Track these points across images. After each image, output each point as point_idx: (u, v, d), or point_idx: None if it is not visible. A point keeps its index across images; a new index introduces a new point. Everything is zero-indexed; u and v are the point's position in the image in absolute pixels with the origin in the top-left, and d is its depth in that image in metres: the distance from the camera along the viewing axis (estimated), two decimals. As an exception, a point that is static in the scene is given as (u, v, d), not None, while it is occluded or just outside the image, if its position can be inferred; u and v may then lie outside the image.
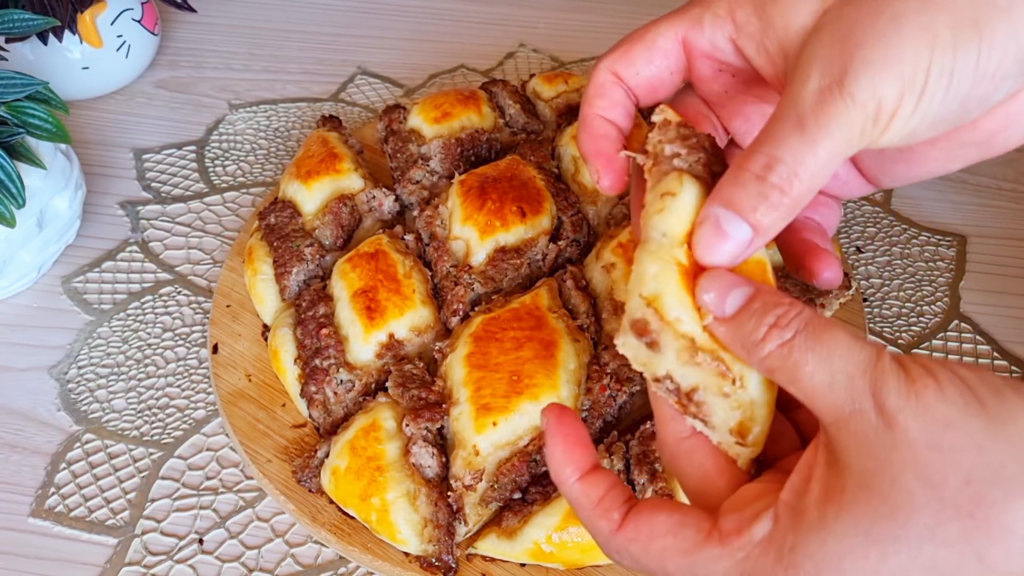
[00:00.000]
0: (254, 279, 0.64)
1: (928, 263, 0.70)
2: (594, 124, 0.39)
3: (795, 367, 0.30)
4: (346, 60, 0.89)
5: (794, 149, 0.31)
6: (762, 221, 0.32)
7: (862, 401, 0.29)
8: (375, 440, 0.53)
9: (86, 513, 0.56)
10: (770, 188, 0.32)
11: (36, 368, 0.64)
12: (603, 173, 0.38)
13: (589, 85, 0.40)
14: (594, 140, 0.39)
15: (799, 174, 0.32)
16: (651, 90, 0.40)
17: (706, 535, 0.31)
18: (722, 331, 0.32)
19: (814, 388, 0.29)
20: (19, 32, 0.66)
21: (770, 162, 0.32)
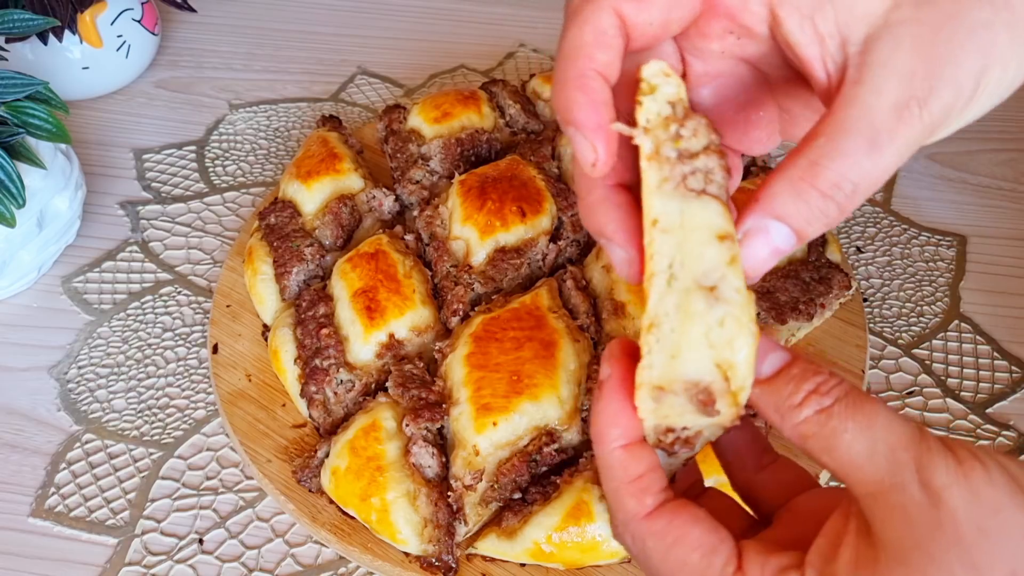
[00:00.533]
0: (254, 279, 0.64)
1: (928, 263, 0.70)
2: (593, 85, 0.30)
3: (832, 434, 0.29)
4: (346, 60, 0.89)
5: (865, 170, 0.30)
6: (812, 234, 0.31)
7: (904, 474, 0.28)
8: (375, 440, 0.53)
9: (86, 513, 0.56)
10: (833, 207, 0.30)
11: (36, 368, 0.64)
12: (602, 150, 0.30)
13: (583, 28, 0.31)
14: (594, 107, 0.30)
15: (861, 192, 0.30)
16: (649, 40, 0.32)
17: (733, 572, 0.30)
18: (755, 392, 0.31)
19: (851, 458, 0.29)
20: (19, 32, 0.66)
21: (839, 182, 0.30)
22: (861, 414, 0.29)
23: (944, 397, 0.62)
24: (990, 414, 0.61)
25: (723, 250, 0.30)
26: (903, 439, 0.28)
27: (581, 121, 0.31)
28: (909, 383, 0.63)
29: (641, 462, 0.32)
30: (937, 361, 0.64)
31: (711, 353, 0.30)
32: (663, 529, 0.31)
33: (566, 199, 0.65)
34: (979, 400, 0.62)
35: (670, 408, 0.31)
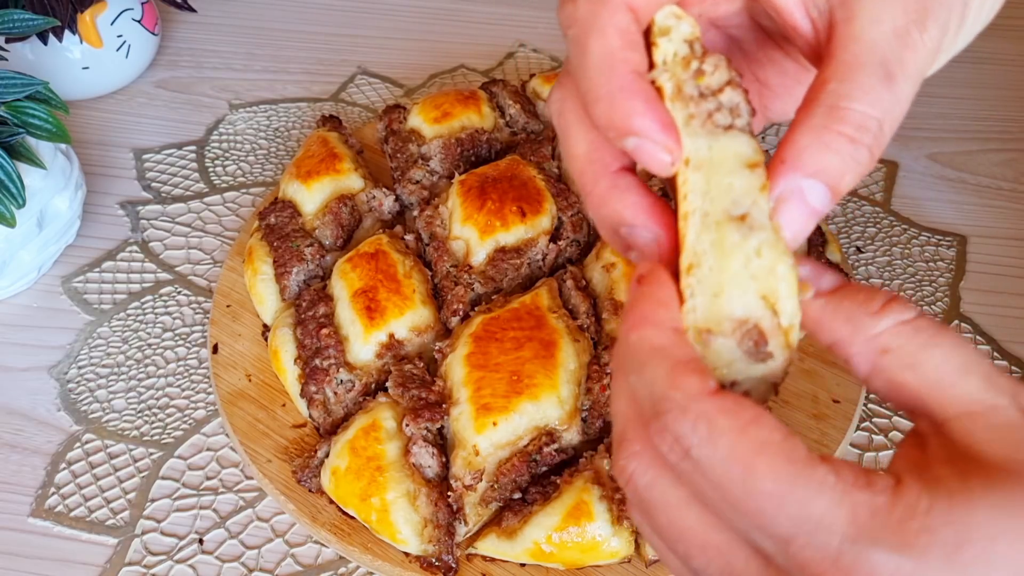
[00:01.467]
0: (254, 279, 0.64)
1: (928, 263, 0.70)
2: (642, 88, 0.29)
3: (922, 349, 0.26)
4: (346, 60, 0.89)
5: (887, 104, 0.28)
6: (846, 187, 0.29)
7: (1001, 398, 0.26)
8: (375, 440, 0.53)
9: (86, 513, 0.56)
10: (864, 151, 0.28)
11: (36, 368, 0.64)
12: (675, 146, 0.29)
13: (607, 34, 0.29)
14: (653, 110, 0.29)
15: (887, 130, 0.28)
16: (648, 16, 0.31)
17: (819, 461, 0.26)
18: (820, 305, 0.28)
19: (942, 375, 0.26)
20: (19, 32, 0.66)
21: (864, 121, 0.28)
22: (947, 334, 0.27)
23: (944, 397, 0.62)
24: (990, 414, 0.61)
25: (753, 178, 0.29)
26: (996, 369, 0.27)
27: (646, 129, 0.29)
28: (909, 383, 0.63)
29: (694, 351, 0.28)
30: (937, 361, 0.64)
31: (754, 285, 0.28)
32: (735, 407, 0.26)
33: (566, 199, 0.65)
34: (979, 400, 0.62)
35: (718, 357, 0.28)
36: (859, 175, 0.29)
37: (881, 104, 0.28)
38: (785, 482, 0.25)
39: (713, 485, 0.26)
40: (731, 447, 0.26)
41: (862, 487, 0.25)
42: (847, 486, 0.25)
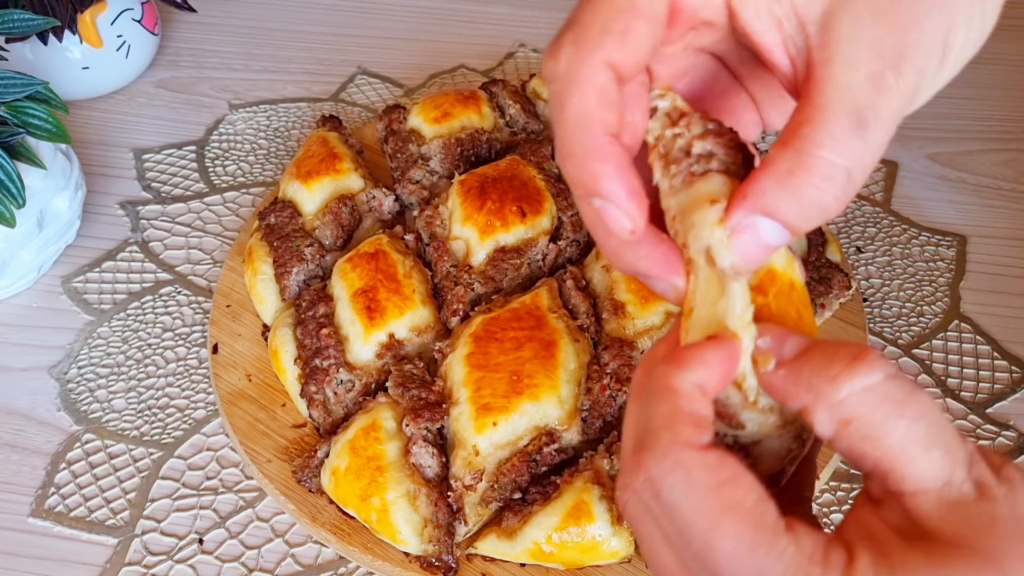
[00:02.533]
0: (254, 279, 0.64)
1: (928, 263, 0.70)
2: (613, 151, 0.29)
3: (884, 421, 0.26)
4: (346, 60, 0.89)
5: (857, 153, 0.28)
6: (807, 227, 0.29)
7: (958, 471, 0.26)
8: (375, 440, 0.53)
9: (86, 513, 0.56)
10: (830, 198, 0.28)
11: (36, 368, 0.64)
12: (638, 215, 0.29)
13: (584, 91, 0.29)
14: (621, 175, 0.29)
15: (856, 179, 0.28)
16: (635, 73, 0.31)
17: (784, 529, 0.26)
18: (781, 376, 0.28)
19: (904, 450, 0.26)
20: (19, 32, 0.66)
21: (831, 171, 0.28)
22: (914, 402, 0.26)
23: (944, 397, 0.62)
24: (990, 414, 0.61)
25: (712, 211, 0.29)
26: (956, 435, 0.27)
27: (612, 193, 0.29)
28: (909, 383, 0.63)
29: (710, 412, 0.29)
30: (937, 361, 0.64)
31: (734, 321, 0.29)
32: (717, 464, 0.27)
33: (566, 199, 0.65)
34: (979, 400, 0.62)
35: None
36: (823, 219, 0.29)
37: (851, 153, 0.28)
38: (746, 547, 0.26)
39: (678, 532, 0.27)
40: (702, 501, 0.27)
41: (817, 562, 0.26)
42: (803, 560, 0.26)
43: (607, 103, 0.30)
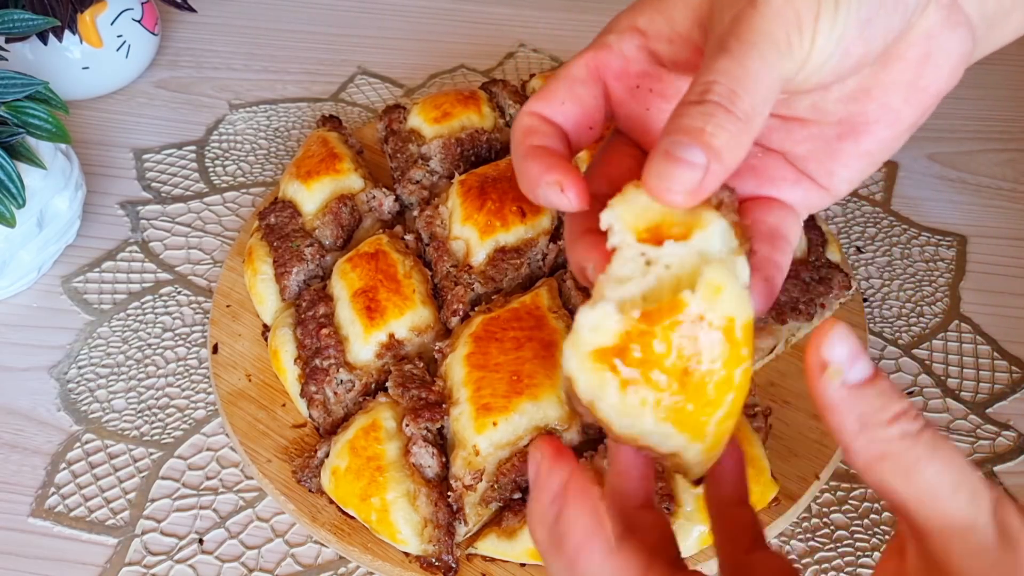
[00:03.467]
0: (254, 279, 0.64)
1: (928, 263, 0.70)
2: (534, 152, 0.34)
3: (917, 461, 0.28)
4: (346, 60, 0.89)
5: (724, 69, 0.30)
6: (713, 142, 0.29)
7: (983, 516, 0.28)
8: (375, 440, 0.53)
9: (86, 513, 0.56)
10: (713, 107, 0.29)
11: (36, 368, 0.64)
12: (567, 184, 0.33)
13: (514, 134, 0.36)
14: (540, 159, 0.34)
15: (737, 90, 0.29)
16: (582, 124, 0.36)
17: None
18: (843, 395, 0.29)
19: (932, 489, 0.28)
20: (19, 32, 0.66)
21: (705, 87, 0.30)
22: (945, 449, 0.28)
23: (944, 397, 0.62)
24: (990, 414, 0.61)
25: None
26: (982, 482, 0.28)
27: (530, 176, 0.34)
28: (909, 383, 0.63)
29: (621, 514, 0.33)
30: (937, 361, 0.64)
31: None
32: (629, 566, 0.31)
33: (566, 199, 0.65)
34: (979, 400, 0.62)
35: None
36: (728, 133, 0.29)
37: (718, 69, 0.30)
38: None
39: None
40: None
41: None
42: None
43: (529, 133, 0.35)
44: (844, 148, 0.37)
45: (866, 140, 0.36)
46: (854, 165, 0.37)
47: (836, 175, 0.37)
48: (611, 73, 0.36)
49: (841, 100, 0.36)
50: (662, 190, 0.30)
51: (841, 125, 0.37)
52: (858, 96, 0.36)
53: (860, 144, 0.37)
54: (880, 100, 0.36)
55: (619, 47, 0.36)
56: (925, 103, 0.36)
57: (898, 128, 0.36)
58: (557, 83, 0.36)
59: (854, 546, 0.54)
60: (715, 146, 0.29)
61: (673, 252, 0.30)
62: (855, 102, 0.36)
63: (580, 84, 0.36)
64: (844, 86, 0.35)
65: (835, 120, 0.36)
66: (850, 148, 0.37)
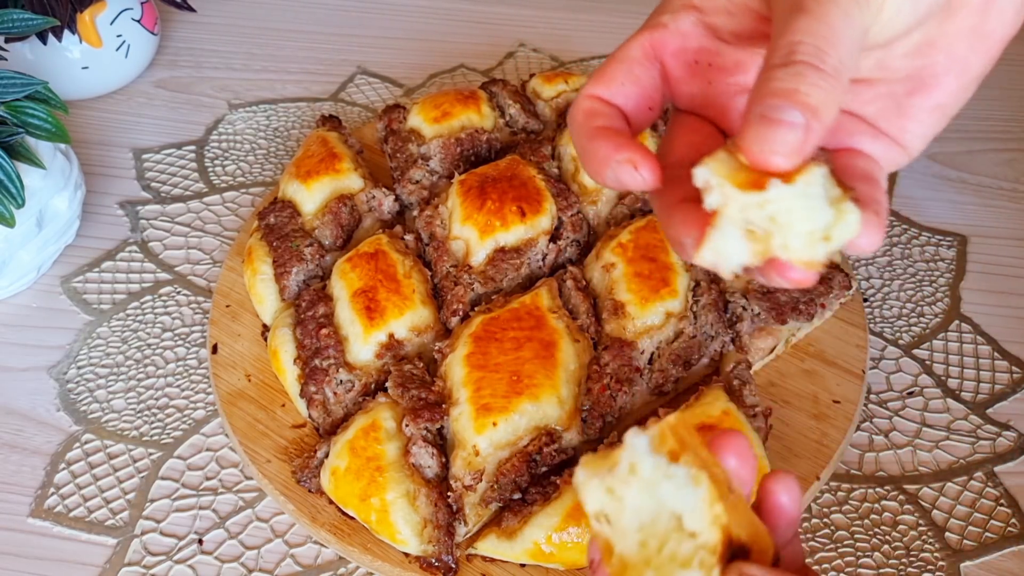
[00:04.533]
0: (254, 279, 0.64)
1: (928, 263, 0.70)
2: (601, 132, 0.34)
3: None
4: (346, 60, 0.89)
5: (807, 28, 0.30)
6: (809, 100, 0.29)
7: None
8: (375, 440, 0.53)
9: (85, 513, 0.56)
10: (803, 67, 0.29)
11: (35, 368, 0.64)
12: (640, 162, 0.33)
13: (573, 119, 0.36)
14: (609, 139, 0.34)
15: (823, 47, 0.29)
16: (642, 105, 0.36)
17: None
18: None
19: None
20: (19, 32, 0.66)
21: (789, 48, 0.29)
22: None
23: (944, 397, 0.62)
24: (990, 414, 0.61)
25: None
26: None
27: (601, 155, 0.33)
28: (909, 383, 0.63)
29: None
30: (937, 361, 0.64)
31: None
32: None
33: (566, 199, 0.65)
34: (979, 400, 0.62)
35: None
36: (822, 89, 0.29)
37: (800, 29, 0.30)
38: None
39: None
40: None
41: None
42: None
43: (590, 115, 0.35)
44: (915, 104, 0.37)
45: (936, 93, 0.36)
46: (926, 120, 0.37)
47: (909, 131, 0.37)
48: (668, 52, 0.36)
49: (907, 55, 0.36)
50: (764, 153, 0.29)
51: (909, 81, 0.36)
52: (923, 49, 0.35)
53: (931, 97, 0.36)
54: (946, 51, 0.35)
55: (675, 25, 0.36)
56: (991, 50, 0.36)
57: (967, 77, 0.36)
58: (614, 65, 0.36)
59: (854, 546, 0.54)
60: (812, 104, 0.29)
61: (781, 194, 0.29)
62: (921, 56, 0.36)
63: (638, 64, 0.36)
64: (909, 40, 0.35)
65: (902, 76, 0.36)
66: (921, 103, 0.37)
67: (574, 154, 0.68)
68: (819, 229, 0.29)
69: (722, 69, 0.37)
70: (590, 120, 0.35)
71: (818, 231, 0.29)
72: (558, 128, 0.72)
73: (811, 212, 0.29)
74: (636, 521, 0.29)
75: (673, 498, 0.28)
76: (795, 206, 0.29)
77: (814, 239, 0.29)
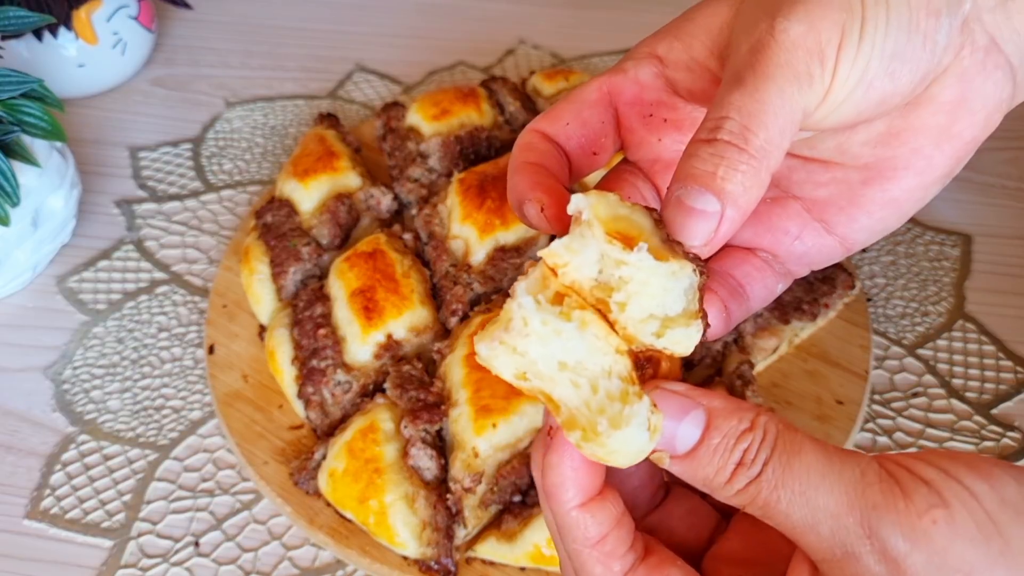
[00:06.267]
0: (251, 279, 0.64)
1: (933, 262, 0.70)
2: (525, 168, 0.34)
3: (766, 505, 0.27)
4: (344, 57, 0.89)
5: (737, 103, 0.28)
6: (726, 187, 0.28)
7: (856, 544, 0.26)
8: (373, 442, 0.52)
9: (81, 515, 0.56)
10: (724, 147, 0.28)
11: (31, 368, 0.63)
12: (548, 204, 0.32)
13: (514, 148, 0.35)
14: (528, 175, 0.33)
15: (750, 126, 0.28)
16: (586, 148, 0.35)
17: None
18: (678, 469, 0.29)
19: (793, 526, 0.27)
20: (14, 29, 0.65)
21: (716, 123, 0.28)
22: (791, 476, 0.27)
23: (948, 398, 0.61)
24: (995, 415, 0.60)
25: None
26: (843, 500, 0.26)
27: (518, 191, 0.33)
28: (913, 383, 0.62)
29: (603, 523, 0.30)
30: (941, 361, 0.63)
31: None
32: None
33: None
34: (984, 401, 0.61)
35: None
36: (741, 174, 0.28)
37: (731, 104, 0.29)
38: None
39: None
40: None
41: None
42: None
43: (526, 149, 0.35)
44: (869, 194, 0.35)
45: (893, 186, 0.34)
46: (877, 213, 0.35)
47: (856, 222, 0.35)
48: (624, 99, 0.35)
49: (868, 143, 0.34)
50: (681, 238, 0.29)
51: (868, 169, 0.34)
52: (887, 139, 0.34)
53: (886, 190, 0.34)
54: (911, 145, 0.34)
55: (635, 73, 0.35)
56: (959, 151, 0.34)
57: (929, 176, 0.34)
58: (565, 104, 0.35)
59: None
60: (728, 191, 0.28)
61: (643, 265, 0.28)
62: (884, 146, 0.34)
63: (588, 107, 0.35)
64: (872, 128, 0.33)
65: (861, 164, 0.34)
66: (875, 194, 0.34)
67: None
68: (659, 319, 0.28)
69: (675, 125, 0.36)
70: (523, 153, 0.34)
71: (657, 320, 0.28)
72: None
73: (664, 298, 0.28)
74: (555, 365, 0.28)
75: (570, 351, 0.28)
76: (653, 284, 0.28)
77: (649, 324, 0.28)
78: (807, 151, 0.35)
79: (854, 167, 0.35)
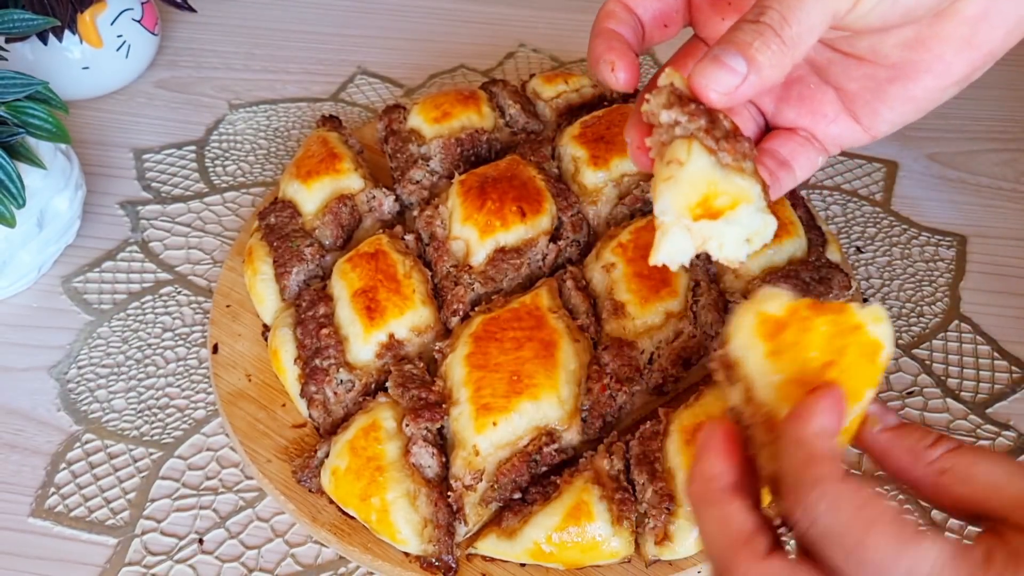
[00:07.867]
0: (254, 279, 0.64)
1: (928, 263, 0.70)
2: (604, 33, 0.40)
3: (970, 465, 0.33)
4: (346, 60, 0.89)
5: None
6: (757, 56, 0.34)
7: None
8: (375, 440, 0.53)
9: (86, 513, 0.56)
10: (763, 27, 0.34)
11: (36, 368, 0.64)
12: (619, 65, 0.39)
13: (598, 13, 0.41)
14: (606, 40, 0.40)
15: (788, 19, 0.34)
16: (658, 20, 0.41)
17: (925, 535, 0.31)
18: (886, 437, 0.34)
19: (991, 481, 0.32)
20: (19, 32, 0.66)
21: (761, 9, 0.34)
22: (983, 450, 0.33)
23: (944, 397, 0.62)
24: (990, 414, 0.61)
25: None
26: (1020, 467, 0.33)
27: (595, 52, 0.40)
28: (909, 383, 0.63)
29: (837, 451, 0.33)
30: (937, 361, 0.64)
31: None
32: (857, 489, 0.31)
33: (566, 199, 0.65)
34: (979, 400, 0.62)
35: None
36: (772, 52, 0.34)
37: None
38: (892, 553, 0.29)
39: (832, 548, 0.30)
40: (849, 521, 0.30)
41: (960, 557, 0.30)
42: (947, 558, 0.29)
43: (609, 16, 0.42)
44: (892, 90, 0.41)
45: (913, 86, 0.40)
46: (898, 108, 0.41)
47: (879, 115, 0.42)
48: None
49: (898, 46, 0.39)
50: (702, 87, 0.35)
51: (894, 69, 0.40)
52: (914, 44, 0.39)
53: (908, 89, 0.40)
54: (934, 51, 0.39)
55: None
56: (976, 60, 0.40)
57: (946, 80, 0.40)
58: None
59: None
60: (757, 60, 0.34)
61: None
62: (911, 49, 0.39)
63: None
64: (901, 33, 0.39)
65: (890, 63, 0.40)
66: (898, 91, 0.41)
67: (574, 154, 0.68)
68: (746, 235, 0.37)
69: (736, 7, 0.41)
70: (603, 20, 0.41)
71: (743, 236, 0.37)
72: (558, 128, 0.72)
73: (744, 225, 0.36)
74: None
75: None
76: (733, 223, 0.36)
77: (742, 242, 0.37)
78: (846, 47, 0.41)
79: (883, 66, 0.41)
